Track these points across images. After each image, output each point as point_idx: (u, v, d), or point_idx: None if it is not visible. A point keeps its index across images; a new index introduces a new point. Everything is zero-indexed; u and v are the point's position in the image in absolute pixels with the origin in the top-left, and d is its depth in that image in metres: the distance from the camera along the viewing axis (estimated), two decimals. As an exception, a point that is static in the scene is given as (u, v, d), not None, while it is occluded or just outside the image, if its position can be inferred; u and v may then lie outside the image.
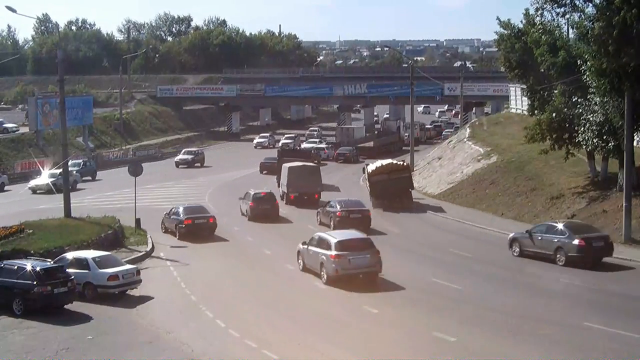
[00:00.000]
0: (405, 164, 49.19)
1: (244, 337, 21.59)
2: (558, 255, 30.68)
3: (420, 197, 50.46)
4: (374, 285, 27.90)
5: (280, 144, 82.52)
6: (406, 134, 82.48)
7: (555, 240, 30.97)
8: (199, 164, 73.04)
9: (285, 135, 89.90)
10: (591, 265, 29.93)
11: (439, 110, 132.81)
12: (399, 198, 45.88)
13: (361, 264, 27.81)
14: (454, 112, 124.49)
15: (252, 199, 42.67)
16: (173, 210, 38.96)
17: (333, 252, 27.81)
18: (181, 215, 37.89)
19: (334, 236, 28.99)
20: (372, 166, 47.54)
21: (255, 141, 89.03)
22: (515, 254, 32.60)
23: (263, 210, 42.30)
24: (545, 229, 32.19)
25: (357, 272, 27.78)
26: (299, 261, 30.37)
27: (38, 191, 54.37)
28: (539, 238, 31.79)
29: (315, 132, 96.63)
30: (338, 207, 39.43)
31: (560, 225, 31.66)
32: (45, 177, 54.96)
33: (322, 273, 28.27)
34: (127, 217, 38.45)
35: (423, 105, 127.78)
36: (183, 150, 77.55)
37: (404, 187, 46.49)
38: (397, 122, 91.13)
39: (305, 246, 29.85)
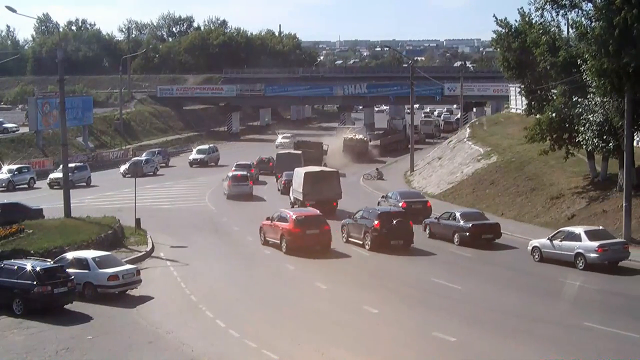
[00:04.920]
0: (358, 137, 77.81)
1: (244, 337, 21.57)
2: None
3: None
4: (372, 285, 27.87)
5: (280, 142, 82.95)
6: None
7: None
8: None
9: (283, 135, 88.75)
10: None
11: (437, 110, 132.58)
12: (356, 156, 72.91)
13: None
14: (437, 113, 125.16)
15: (231, 178, 53.58)
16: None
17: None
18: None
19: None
20: (347, 134, 77.69)
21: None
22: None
23: (240, 188, 52.68)
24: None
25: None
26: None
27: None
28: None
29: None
30: (284, 177, 52.86)
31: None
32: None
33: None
34: (127, 217, 38.46)
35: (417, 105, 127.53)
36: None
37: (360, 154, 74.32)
38: (403, 121, 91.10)
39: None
